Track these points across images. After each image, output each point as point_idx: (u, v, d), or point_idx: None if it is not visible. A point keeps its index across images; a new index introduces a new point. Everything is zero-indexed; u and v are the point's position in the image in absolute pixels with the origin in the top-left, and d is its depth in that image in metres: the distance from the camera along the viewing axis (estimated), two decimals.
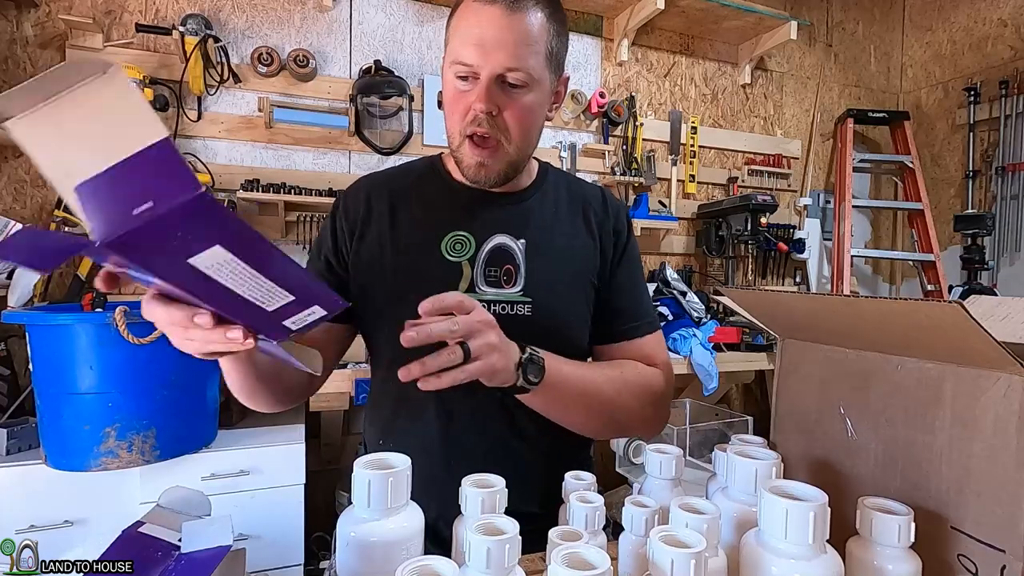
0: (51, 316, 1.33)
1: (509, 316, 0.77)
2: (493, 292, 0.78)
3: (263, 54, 2.03)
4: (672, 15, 2.53)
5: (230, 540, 0.49)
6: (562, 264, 0.82)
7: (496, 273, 0.79)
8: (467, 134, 0.75)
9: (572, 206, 0.86)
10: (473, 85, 0.73)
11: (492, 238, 0.80)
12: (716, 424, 1.95)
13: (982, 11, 2.90)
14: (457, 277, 0.78)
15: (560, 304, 0.81)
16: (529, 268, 0.80)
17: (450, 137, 0.78)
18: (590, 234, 0.86)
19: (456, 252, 0.79)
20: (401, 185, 0.86)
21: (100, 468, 1.34)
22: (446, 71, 0.75)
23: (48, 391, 1.35)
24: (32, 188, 1.86)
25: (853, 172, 2.89)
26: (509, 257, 0.79)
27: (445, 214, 0.82)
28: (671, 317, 2.34)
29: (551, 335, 0.76)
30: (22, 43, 1.84)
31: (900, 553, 0.49)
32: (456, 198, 0.83)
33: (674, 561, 0.42)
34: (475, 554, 0.42)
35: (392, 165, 0.94)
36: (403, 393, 0.79)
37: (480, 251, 0.79)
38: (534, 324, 0.78)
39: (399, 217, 0.83)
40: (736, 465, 0.56)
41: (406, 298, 0.70)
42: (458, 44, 0.72)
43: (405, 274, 0.80)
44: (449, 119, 0.77)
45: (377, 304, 0.82)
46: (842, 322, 0.61)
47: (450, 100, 0.76)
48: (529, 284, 0.79)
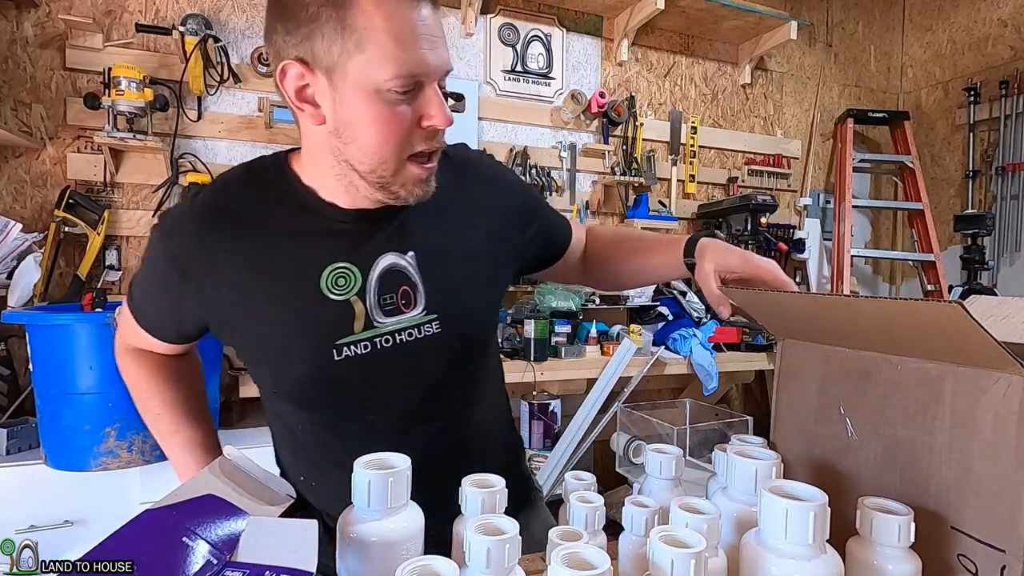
0: (51, 316, 1.33)
1: (417, 340, 0.69)
2: (394, 321, 0.68)
3: (263, 54, 2.03)
4: (672, 15, 2.53)
5: (313, 566, 0.43)
6: (459, 264, 0.74)
7: (392, 299, 0.68)
8: (415, 153, 0.63)
9: (464, 194, 0.76)
10: (410, 98, 0.61)
11: (378, 261, 0.68)
12: (716, 424, 1.95)
13: (982, 11, 2.90)
14: (348, 316, 0.67)
15: (468, 307, 0.74)
16: (427, 283, 0.70)
17: (378, 164, 0.63)
18: (486, 220, 0.77)
19: (340, 288, 0.67)
20: (249, 215, 0.68)
21: (100, 468, 1.34)
22: (362, 84, 0.59)
23: (48, 391, 1.35)
24: (32, 188, 1.86)
25: (853, 172, 2.89)
26: (402, 277, 0.69)
27: (318, 244, 0.67)
28: (671, 317, 2.34)
29: (464, 342, 0.74)
30: (22, 43, 1.84)
31: (900, 553, 0.49)
32: (324, 221, 0.68)
33: (674, 561, 0.42)
34: (475, 554, 0.42)
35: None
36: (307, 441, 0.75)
37: (368, 280, 0.68)
38: (446, 338, 0.71)
39: (255, 258, 0.66)
40: (736, 465, 0.56)
41: (288, 352, 0.67)
42: (392, 50, 0.58)
43: (281, 327, 0.67)
44: (381, 144, 0.61)
45: (253, 358, 0.72)
46: (841, 322, 0.61)
47: (384, 120, 0.60)
48: (431, 300, 0.70)
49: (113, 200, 1.93)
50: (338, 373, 0.67)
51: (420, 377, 0.71)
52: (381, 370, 0.69)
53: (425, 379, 0.72)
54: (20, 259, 1.65)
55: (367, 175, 0.64)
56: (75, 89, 1.88)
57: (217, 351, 1.57)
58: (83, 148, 1.90)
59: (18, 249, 1.65)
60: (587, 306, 2.20)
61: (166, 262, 0.68)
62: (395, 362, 0.69)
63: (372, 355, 0.68)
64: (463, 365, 0.75)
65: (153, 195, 1.96)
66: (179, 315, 0.71)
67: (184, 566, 0.43)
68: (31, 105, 1.85)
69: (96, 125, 1.83)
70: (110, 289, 1.89)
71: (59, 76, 1.88)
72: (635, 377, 2.11)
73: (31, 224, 1.81)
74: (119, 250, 1.91)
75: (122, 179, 1.93)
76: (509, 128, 2.46)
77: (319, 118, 0.63)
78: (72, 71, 1.88)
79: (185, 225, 0.68)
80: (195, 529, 0.45)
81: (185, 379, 0.83)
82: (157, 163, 1.94)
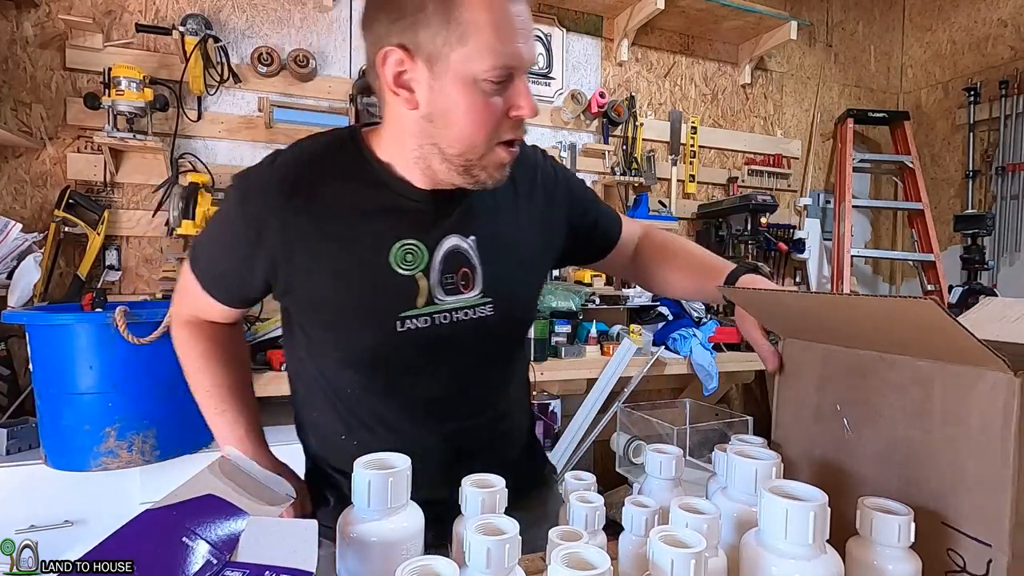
0: (51, 316, 1.33)
1: (472, 320, 0.74)
2: (453, 300, 0.73)
3: (263, 54, 2.03)
4: (672, 15, 2.53)
5: (313, 566, 0.43)
6: (516, 251, 0.78)
7: (453, 279, 0.73)
8: (504, 140, 0.67)
9: (515, 181, 0.79)
10: (502, 89, 0.64)
11: (444, 241, 0.72)
12: (716, 424, 1.94)
13: (982, 11, 2.90)
14: (412, 291, 0.71)
15: (518, 294, 0.79)
16: (485, 267, 0.74)
17: (468, 149, 0.66)
18: (535, 207, 0.81)
19: (408, 264, 0.71)
20: (328, 184, 0.71)
21: (100, 468, 1.34)
22: (462, 74, 0.62)
23: (48, 391, 1.35)
24: (32, 188, 1.86)
25: (853, 172, 2.89)
26: (463, 259, 0.73)
27: (390, 220, 0.71)
28: (671, 317, 2.34)
29: (511, 327, 0.80)
30: (22, 43, 1.84)
31: (900, 553, 0.49)
32: (398, 199, 0.72)
33: (674, 561, 0.42)
34: (475, 554, 0.42)
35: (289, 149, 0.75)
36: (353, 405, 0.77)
37: (433, 259, 0.72)
38: (498, 321, 0.76)
39: (332, 226, 0.70)
40: (736, 465, 0.56)
41: (354, 320, 0.71)
42: (494, 43, 0.61)
43: (350, 295, 0.71)
44: (474, 131, 0.65)
45: (317, 323, 0.75)
46: (838, 320, 0.62)
47: (480, 108, 0.64)
48: (488, 284, 0.75)
49: (113, 200, 1.93)
50: (398, 344, 0.71)
51: (470, 354, 0.76)
52: (437, 344, 0.73)
53: (474, 357, 0.76)
54: (20, 259, 1.65)
55: (454, 158, 0.67)
56: (75, 89, 1.88)
57: None
58: (83, 148, 1.90)
59: (18, 249, 1.65)
60: (587, 306, 2.20)
61: (243, 222, 0.70)
62: (450, 338, 0.73)
63: (430, 330, 0.72)
64: (508, 346, 0.82)
65: (153, 195, 1.96)
66: (247, 276, 0.73)
67: (184, 566, 0.43)
68: (31, 105, 1.85)
69: (96, 125, 1.83)
70: (110, 289, 1.89)
71: (59, 76, 1.88)
72: (635, 377, 2.11)
73: (31, 224, 1.81)
74: (119, 250, 1.91)
75: (122, 179, 1.93)
76: None
77: (413, 103, 0.66)
78: (72, 71, 1.88)
79: (265, 188, 0.70)
80: (195, 529, 0.45)
81: (236, 359, 0.86)
82: (157, 163, 1.94)
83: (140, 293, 1.95)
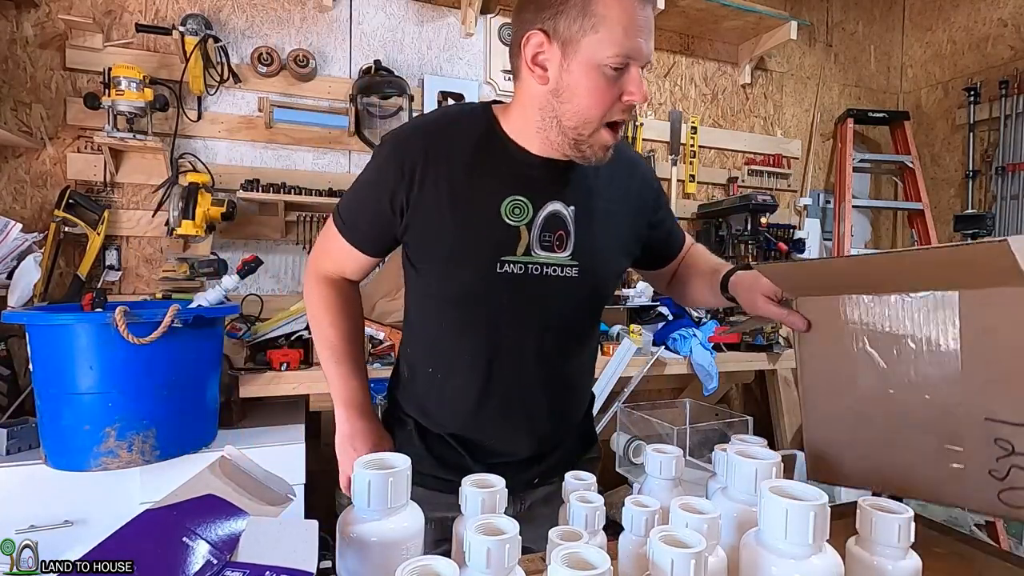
0: (51, 316, 1.33)
1: (558, 277, 0.85)
2: (545, 255, 0.84)
3: (263, 54, 2.03)
4: (672, 15, 2.53)
5: (313, 566, 0.43)
6: (606, 229, 0.90)
7: (550, 238, 0.84)
8: (612, 121, 0.79)
9: (616, 173, 0.92)
10: (619, 75, 0.75)
11: (548, 204, 0.84)
12: (716, 424, 1.94)
13: (982, 11, 2.90)
14: (515, 240, 0.83)
15: (601, 267, 0.90)
16: (578, 234, 0.86)
17: (583, 123, 0.78)
18: (628, 199, 0.94)
19: (515, 216, 0.83)
20: (460, 143, 0.85)
21: (100, 468, 1.34)
22: (589, 58, 0.74)
23: (48, 391, 1.35)
24: (32, 188, 1.86)
25: (853, 172, 2.89)
26: (561, 223, 0.85)
27: (506, 178, 0.84)
28: (671, 317, 2.34)
29: (591, 294, 0.91)
30: (22, 43, 1.84)
31: (900, 553, 0.49)
32: (515, 163, 0.84)
33: (674, 561, 0.42)
34: (475, 554, 0.42)
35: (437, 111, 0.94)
36: (450, 323, 0.88)
37: (537, 217, 0.83)
38: (579, 285, 0.87)
39: (458, 176, 0.83)
40: (736, 465, 0.56)
41: (463, 255, 0.83)
42: (620, 35, 0.73)
43: (464, 233, 0.83)
44: (591, 108, 0.77)
45: (433, 256, 0.86)
46: (863, 276, 0.71)
47: (599, 89, 0.76)
48: (577, 249, 0.86)
49: (113, 200, 1.93)
50: (495, 283, 0.82)
51: (552, 307, 0.86)
52: (527, 291, 0.84)
53: (555, 310, 0.87)
54: (20, 259, 1.65)
55: (570, 131, 0.79)
56: (75, 89, 1.88)
57: (217, 351, 1.57)
58: (83, 148, 1.90)
59: (18, 249, 1.65)
60: None
61: (395, 160, 0.83)
62: (538, 288, 0.84)
63: (523, 276, 0.83)
64: (586, 309, 0.92)
65: (153, 195, 1.96)
66: (388, 214, 0.85)
67: (184, 566, 0.43)
68: (31, 105, 1.85)
69: (96, 125, 1.83)
70: (110, 289, 1.89)
71: (59, 76, 1.88)
72: (635, 377, 2.11)
73: (31, 224, 1.81)
74: (119, 250, 1.91)
75: (122, 179, 1.93)
76: None
77: (544, 79, 0.78)
78: (72, 71, 1.88)
79: (413, 134, 0.86)
80: (195, 529, 0.45)
81: (358, 316, 0.99)
82: (157, 163, 1.94)
83: (140, 293, 1.95)
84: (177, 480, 0.52)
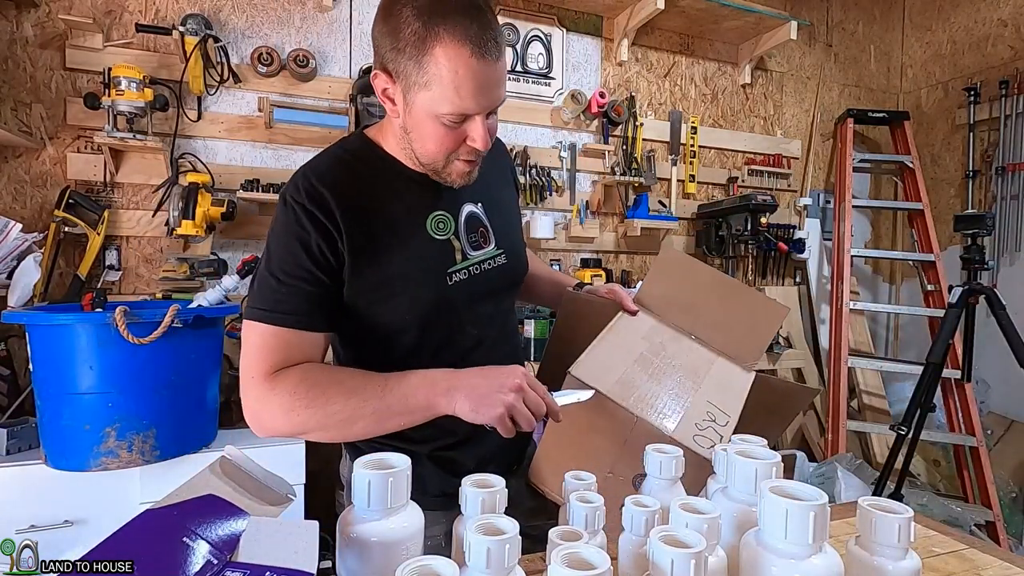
0: (51, 316, 1.33)
1: (495, 268, 0.91)
2: (479, 253, 0.89)
3: (263, 54, 2.03)
4: (672, 15, 2.53)
5: (313, 566, 0.42)
6: (508, 210, 0.99)
7: (475, 237, 0.90)
8: (461, 159, 0.81)
9: (492, 162, 0.95)
10: (461, 123, 0.77)
11: (463, 209, 0.89)
12: None
13: (982, 11, 2.90)
14: (451, 251, 0.86)
15: (518, 244, 0.98)
16: (494, 225, 0.93)
17: (432, 157, 0.80)
18: (505, 176, 1.02)
19: (441, 230, 0.86)
20: (361, 177, 0.83)
21: (100, 468, 1.34)
22: (427, 109, 0.74)
23: (48, 391, 1.35)
24: (32, 188, 1.86)
25: (853, 172, 2.89)
26: (478, 221, 0.91)
27: (420, 199, 0.86)
28: None
29: (519, 270, 0.98)
30: (22, 43, 1.84)
31: (900, 553, 0.49)
32: (419, 183, 0.86)
33: (674, 561, 0.42)
34: (475, 554, 0.42)
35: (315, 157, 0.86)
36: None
37: (458, 223, 0.88)
38: (511, 268, 0.94)
39: (377, 208, 0.82)
40: (736, 465, 0.56)
41: (415, 282, 0.83)
42: (452, 95, 0.72)
43: (408, 260, 0.84)
44: (435, 152, 0.79)
45: (382, 294, 0.81)
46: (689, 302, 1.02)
47: (440, 136, 0.77)
48: (498, 238, 0.93)
49: (113, 200, 1.93)
50: (450, 295, 0.85)
51: (498, 296, 0.93)
52: (476, 291, 0.88)
53: (500, 297, 0.94)
54: (20, 259, 1.65)
55: (424, 164, 0.83)
56: (75, 89, 1.88)
57: (217, 351, 1.57)
58: (83, 148, 1.90)
59: (18, 249, 1.65)
60: None
61: (310, 218, 0.78)
62: (484, 284, 0.89)
63: (470, 279, 0.87)
64: (517, 286, 1.00)
65: (153, 195, 1.96)
66: (324, 267, 0.78)
67: (184, 566, 0.43)
68: (31, 105, 1.85)
69: (96, 125, 1.83)
70: (110, 289, 1.89)
71: (59, 76, 1.88)
72: None
73: (31, 224, 1.81)
74: (119, 250, 1.91)
75: (122, 179, 1.93)
76: (509, 128, 2.46)
77: (396, 113, 0.80)
78: (72, 71, 1.88)
79: (321, 185, 0.80)
80: (195, 529, 0.45)
81: (331, 368, 0.81)
82: (157, 163, 1.94)
83: (140, 293, 1.95)
84: (177, 480, 0.52)
